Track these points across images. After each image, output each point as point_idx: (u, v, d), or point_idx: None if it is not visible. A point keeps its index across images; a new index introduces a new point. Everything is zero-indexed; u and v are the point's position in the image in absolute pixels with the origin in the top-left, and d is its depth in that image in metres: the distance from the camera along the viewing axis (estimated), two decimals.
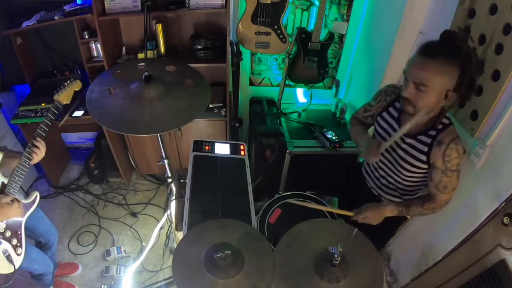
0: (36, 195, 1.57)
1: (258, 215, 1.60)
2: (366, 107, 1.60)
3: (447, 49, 1.13)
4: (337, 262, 1.00)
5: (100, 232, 2.45)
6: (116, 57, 2.28)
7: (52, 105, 1.47)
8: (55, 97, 1.48)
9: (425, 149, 1.31)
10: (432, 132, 1.29)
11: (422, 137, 1.32)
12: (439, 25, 1.64)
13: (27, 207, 1.52)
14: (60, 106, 1.49)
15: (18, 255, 1.48)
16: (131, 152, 2.67)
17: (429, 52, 1.15)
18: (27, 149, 1.43)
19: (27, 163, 1.43)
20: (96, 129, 2.86)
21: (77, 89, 1.56)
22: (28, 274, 1.79)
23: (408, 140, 1.36)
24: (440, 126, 1.28)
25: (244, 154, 1.65)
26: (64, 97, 1.51)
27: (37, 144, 1.44)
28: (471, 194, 1.41)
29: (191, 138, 1.68)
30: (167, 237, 2.33)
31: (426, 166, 1.34)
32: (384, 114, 1.48)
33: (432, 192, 1.33)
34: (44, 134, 1.47)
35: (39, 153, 1.45)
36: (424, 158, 1.32)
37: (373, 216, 1.44)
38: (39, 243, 1.85)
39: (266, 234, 1.53)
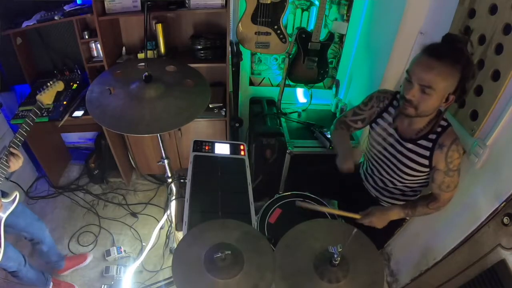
0: (15, 194, 1.56)
1: (258, 215, 1.60)
2: (355, 111, 1.57)
3: (452, 51, 1.13)
4: (337, 262, 1.00)
5: (100, 232, 2.45)
6: (116, 57, 2.28)
7: (35, 105, 1.47)
8: (38, 97, 1.49)
9: (427, 153, 1.30)
10: (432, 136, 1.29)
11: (422, 142, 1.31)
12: (439, 25, 1.64)
13: (6, 206, 1.52)
14: (43, 106, 1.50)
15: None
16: (131, 152, 2.66)
17: (435, 53, 1.14)
18: (5, 152, 1.42)
19: (5, 166, 1.42)
20: (96, 129, 2.86)
21: (59, 90, 1.57)
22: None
23: (408, 145, 1.35)
24: (439, 129, 1.28)
25: (244, 154, 1.65)
26: (46, 97, 1.52)
27: (13, 152, 1.43)
28: (471, 194, 1.41)
29: (191, 138, 1.68)
30: (167, 237, 2.33)
31: (427, 170, 1.34)
32: (379, 120, 1.47)
33: (435, 192, 1.33)
34: (23, 139, 1.46)
35: (15, 163, 1.44)
36: (426, 162, 1.32)
37: (378, 221, 1.42)
38: (31, 241, 1.85)
39: (266, 234, 1.53)
